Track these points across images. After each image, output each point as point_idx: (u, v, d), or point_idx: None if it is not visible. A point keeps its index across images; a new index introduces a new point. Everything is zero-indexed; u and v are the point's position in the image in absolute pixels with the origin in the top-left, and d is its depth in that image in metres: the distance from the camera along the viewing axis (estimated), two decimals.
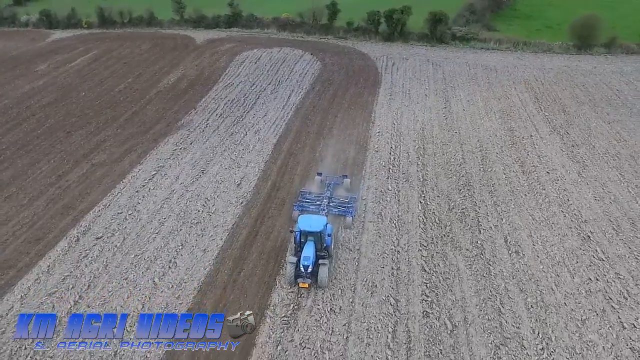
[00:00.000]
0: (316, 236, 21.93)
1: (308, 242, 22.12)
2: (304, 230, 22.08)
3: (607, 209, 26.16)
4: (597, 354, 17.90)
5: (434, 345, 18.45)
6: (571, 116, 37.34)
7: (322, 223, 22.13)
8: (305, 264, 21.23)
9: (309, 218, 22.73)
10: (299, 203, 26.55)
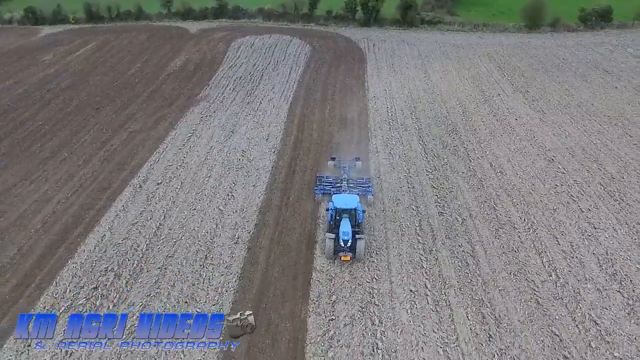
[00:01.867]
0: (351, 213, 23.60)
1: (343, 219, 23.52)
2: (339, 208, 23.59)
3: (564, 141, 33.01)
4: (566, 229, 24.37)
5: (450, 231, 24.51)
6: (529, 79, 44.45)
7: (355, 201, 23.93)
8: (345, 238, 22.53)
9: (343, 197, 24.36)
10: (320, 186, 28.12)
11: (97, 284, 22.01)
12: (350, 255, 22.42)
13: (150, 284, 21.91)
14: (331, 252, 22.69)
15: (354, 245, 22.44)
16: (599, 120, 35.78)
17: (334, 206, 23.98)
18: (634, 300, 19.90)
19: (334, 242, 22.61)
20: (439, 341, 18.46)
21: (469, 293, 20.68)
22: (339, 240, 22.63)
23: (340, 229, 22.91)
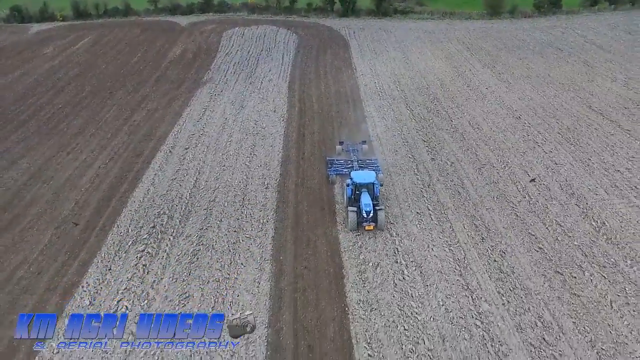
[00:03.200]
0: (368, 187, 25.27)
1: (363, 193, 25.05)
2: (359, 183, 25.20)
3: (527, 103, 38.76)
4: (534, 165, 29.87)
5: (442, 171, 29.69)
6: (494, 57, 50.34)
7: (373, 176, 25.73)
8: (367, 210, 24.06)
9: (361, 173, 26.11)
10: (332, 168, 29.66)
11: (154, 224, 26.14)
12: (373, 225, 24.08)
13: (200, 221, 26.21)
14: (355, 224, 24.25)
15: (375, 216, 24.14)
16: (555, 87, 41.76)
17: (353, 182, 25.47)
18: (587, 209, 25.47)
19: (356, 214, 24.24)
20: (444, 244, 23.53)
21: (462, 212, 25.86)
22: (361, 212, 24.16)
23: (362, 201, 24.53)
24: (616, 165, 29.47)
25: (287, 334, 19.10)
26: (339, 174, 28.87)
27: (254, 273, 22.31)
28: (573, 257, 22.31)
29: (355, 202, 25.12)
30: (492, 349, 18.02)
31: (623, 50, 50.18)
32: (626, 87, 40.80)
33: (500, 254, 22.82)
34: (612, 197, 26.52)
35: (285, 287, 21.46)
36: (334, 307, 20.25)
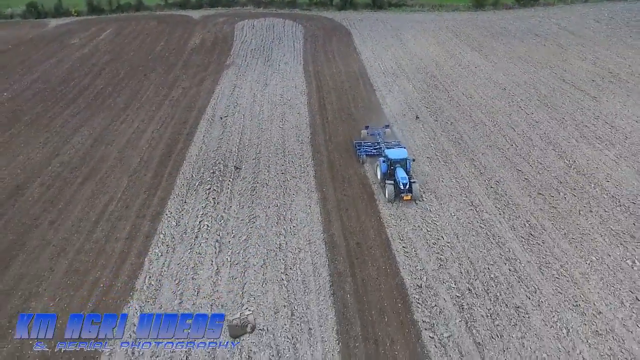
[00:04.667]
0: (402, 163, 27.71)
1: (397, 168, 27.40)
2: (394, 159, 27.58)
3: (511, 79, 45.28)
4: (518, 124, 36.26)
5: (444, 128, 35.85)
6: (481, 42, 56.91)
7: (405, 152, 28.26)
8: (404, 182, 26.40)
9: (395, 150, 28.45)
10: (361, 149, 31.93)
11: (214, 170, 31.86)
12: (410, 195, 26.48)
13: (251, 167, 31.98)
14: (392, 196, 26.65)
15: (410, 188, 26.53)
16: (534, 65, 48.39)
17: (388, 158, 27.89)
18: (561, 153, 31.91)
19: (393, 187, 26.77)
20: (451, 177, 29.70)
21: (463, 156, 32.10)
22: (398, 185, 26.59)
23: (398, 175, 26.93)
24: (584, 122, 36.04)
25: (339, 237, 25.04)
26: (368, 155, 31.73)
27: (304, 200, 28.20)
28: (551, 184, 28.71)
29: (390, 177, 27.52)
30: (494, 241, 24.23)
31: (592, 35, 57.26)
32: (594, 65, 47.65)
33: (495, 183, 29.11)
34: (581, 144, 33.04)
35: (330, 208, 27.40)
36: (371, 219, 26.28)
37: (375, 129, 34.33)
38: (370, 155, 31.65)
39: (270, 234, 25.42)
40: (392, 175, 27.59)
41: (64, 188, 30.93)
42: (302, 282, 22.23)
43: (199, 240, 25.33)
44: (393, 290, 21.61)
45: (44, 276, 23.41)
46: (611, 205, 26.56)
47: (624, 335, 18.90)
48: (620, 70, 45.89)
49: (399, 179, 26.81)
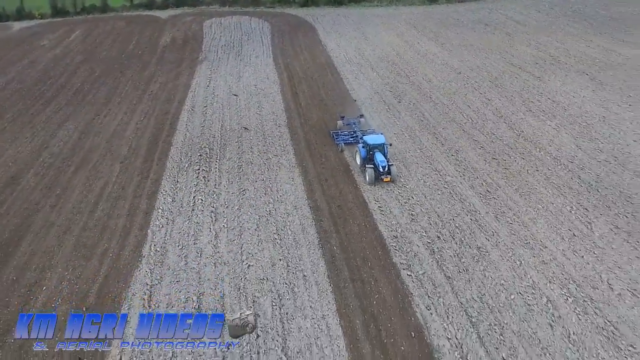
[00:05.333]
0: (380, 147, 29.36)
1: (376, 152, 29.04)
2: (372, 144, 29.24)
3: (465, 64, 49.30)
4: (473, 102, 40.10)
5: (407, 107, 39.36)
6: (436, 33, 60.98)
7: (383, 138, 29.90)
8: (383, 165, 28.21)
9: (373, 136, 30.15)
10: (340, 136, 33.91)
11: (200, 153, 34.27)
12: (389, 177, 28.43)
13: (235, 149, 34.54)
14: (373, 178, 28.42)
15: (389, 170, 28.42)
16: (485, 52, 52.71)
17: (367, 144, 29.55)
18: (511, 124, 35.88)
19: (373, 170, 28.52)
20: (416, 149, 33.15)
21: (426, 131, 35.63)
22: (377, 168, 28.37)
23: (377, 159, 28.65)
24: (530, 98, 40.26)
25: (321, 202, 27.99)
26: (346, 143, 33.54)
27: (287, 174, 31.04)
28: (503, 150, 32.56)
29: (370, 161, 29.18)
30: (457, 198, 27.70)
31: (535, 24, 62.37)
32: (537, 49, 52.38)
33: (455, 152, 32.74)
34: (527, 116, 37.15)
35: (312, 179, 30.34)
36: (349, 186, 29.38)
37: (350, 119, 36.48)
38: (347, 143, 33.54)
39: (260, 203, 28.17)
40: (372, 160, 29.27)
41: (59, 176, 32.68)
42: (293, 239, 25.11)
43: (196, 212, 27.82)
44: (373, 241, 24.77)
45: (54, 251, 25.35)
46: (553, 165, 30.58)
47: (564, 262, 22.69)
48: (560, 53, 50.74)
49: (378, 162, 28.58)
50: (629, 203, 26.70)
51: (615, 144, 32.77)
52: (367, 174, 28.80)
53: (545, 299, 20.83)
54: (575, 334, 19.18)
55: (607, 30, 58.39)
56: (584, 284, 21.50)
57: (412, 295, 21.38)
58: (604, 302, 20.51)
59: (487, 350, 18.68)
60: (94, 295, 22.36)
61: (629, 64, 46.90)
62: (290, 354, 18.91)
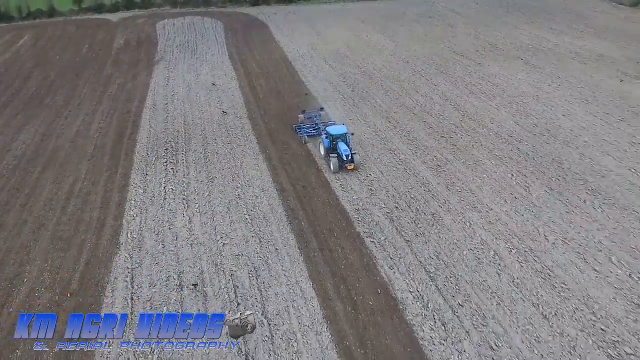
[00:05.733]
0: (342, 137, 30.51)
1: (339, 142, 30.18)
2: (335, 135, 30.28)
3: (412, 54, 52.14)
4: (420, 88, 42.83)
5: (360, 96, 41.54)
6: (384, 26, 63.53)
7: (345, 128, 31.10)
8: (347, 154, 29.39)
9: (335, 127, 31.24)
10: (303, 129, 34.82)
11: (166, 147, 35.28)
12: (353, 164, 29.63)
13: (200, 141, 35.70)
14: (337, 167, 29.59)
15: (352, 158, 29.62)
16: (430, 42, 55.75)
17: (329, 134, 30.52)
18: (456, 106, 38.75)
19: (337, 159, 29.66)
20: (372, 132, 35.36)
21: (379, 115, 37.93)
22: (341, 157, 29.52)
23: (340, 148, 29.81)
24: (472, 82, 43.38)
25: (287, 184, 29.75)
26: (309, 135, 34.59)
27: (252, 161, 32.63)
28: (450, 129, 35.29)
29: (333, 151, 30.18)
30: (410, 172, 30.09)
31: (474, 15, 66.31)
32: (477, 38, 56.04)
33: (407, 132, 35.23)
34: (471, 98, 40.15)
35: (276, 164, 32.06)
36: (311, 169, 31.26)
37: (311, 112, 37.59)
38: (310, 135, 34.61)
39: (229, 189, 29.66)
40: (335, 150, 30.34)
41: (25, 177, 32.90)
42: (263, 218, 26.81)
43: (168, 200, 29.01)
44: (337, 214, 26.80)
45: (30, 246, 25.97)
46: (495, 139, 33.57)
47: (507, 221, 25.45)
48: (497, 41, 54.54)
49: (341, 151, 29.74)
50: (560, 168, 29.87)
51: (547, 118, 36.14)
52: (331, 163, 29.83)
53: (492, 253, 23.42)
54: (518, 278, 21.82)
55: (538, 19, 62.93)
56: (524, 238, 24.26)
57: (376, 258, 23.51)
58: (541, 251, 23.31)
59: (445, 299, 21.03)
60: (77, 282, 23.31)
61: (557, 49, 51.11)
62: (270, 316, 20.63)
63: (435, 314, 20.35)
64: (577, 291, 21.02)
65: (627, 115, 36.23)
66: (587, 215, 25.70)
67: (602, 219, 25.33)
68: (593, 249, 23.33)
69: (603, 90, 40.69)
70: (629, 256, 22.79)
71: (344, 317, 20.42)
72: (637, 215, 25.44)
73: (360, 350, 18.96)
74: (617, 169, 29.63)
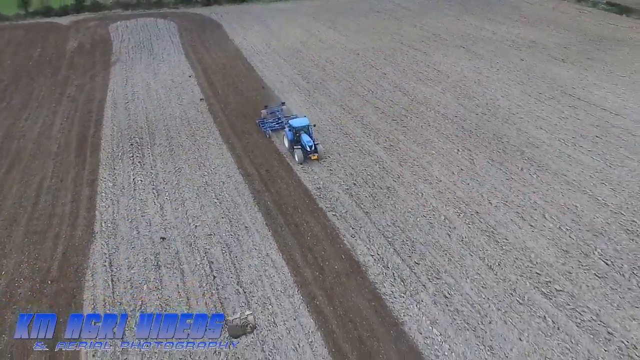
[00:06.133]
0: (305, 129, 31.44)
1: (302, 134, 31.15)
2: (297, 127, 31.13)
3: (362, 46, 54.49)
4: (371, 76, 45.32)
5: (315, 87, 43.65)
6: (334, 21, 65.88)
7: (307, 120, 32.01)
8: (309, 145, 30.42)
9: (297, 120, 32.07)
10: (266, 124, 35.78)
11: (131, 142, 36.11)
12: (317, 155, 30.68)
13: (164, 136, 36.70)
14: (302, 158, 30.59)
15: (315, 149, 30.75)
16: (378, 35, 58.38)
17: (292, 127, 31.36)
18: (405, 92, 41.36)
19: (301, 150, 30.68)
20: (327, 118, 37.38)
21: (334, 104, 39.92)
22: (304, 148, 30.57)
23: (303, 140, 30.82)
24: (419, 70, 46.19)
25: (251, 169, 31.39)
26: (273, 129, 35.66)
27: (216, 150, 34.04)
28: (400, 112, 37.83)
29: (297, 143, 31.17)
30: (365, 152, 32.31)
31: (418, 8, 69.63)
32: (422, 30, 59.15)
33: (360, 117, 37.49)
34: (418, 84, 42.87)
35: (239, 152, 33.60)
36: (273, 155, 33.00)
37: (273, 107, 38.43)
38: (274, 129, 35.66)
39: (196, 177, 31.02)
40: (299, 141, 31.35)
41: None
42: (231, 201, 28.39)
43: (138, 191, 30.08)
44: (300, 194, 28.70)
45: (4, 241, 26.48)
46: (442, 120, 36.31)
47: (455, 189, 28.09)
48: (441, 32, 57.81)
49: (304, 143, 30.80)
50: (500, 142, 32.86)
51: (487, 99, 39.27)
52: (295, 154, 30.90)
53: (443, 217, 25.93)
54: (467, 237, 24.38)
55: (477, 11, 66.86)
56: (470, 203, 26.91)
57: (339, 229, 25.57)
58: (485, 213, 26.01)
59: (402, 259, 23.31)
60: (56, 270, 24.23)
61: (495, 38, 54.84)
62: (244, 285, 22.33)
63: (395, 272, 22.57)
64: (517, 244, 23.75)
65: (557, 93, 39.85)
66: (524, 180, 28.64)
67: (536, 183, 28.32)
68: (529, 209, 26.21)
69: (536, 73, 44.34)
70: (558, 212, 25.81)
71: (313, 281, 22.34)
72: (565, 179, 28.60)
73: (330, 307, 20.92)
74: (549, 141, 32.88)
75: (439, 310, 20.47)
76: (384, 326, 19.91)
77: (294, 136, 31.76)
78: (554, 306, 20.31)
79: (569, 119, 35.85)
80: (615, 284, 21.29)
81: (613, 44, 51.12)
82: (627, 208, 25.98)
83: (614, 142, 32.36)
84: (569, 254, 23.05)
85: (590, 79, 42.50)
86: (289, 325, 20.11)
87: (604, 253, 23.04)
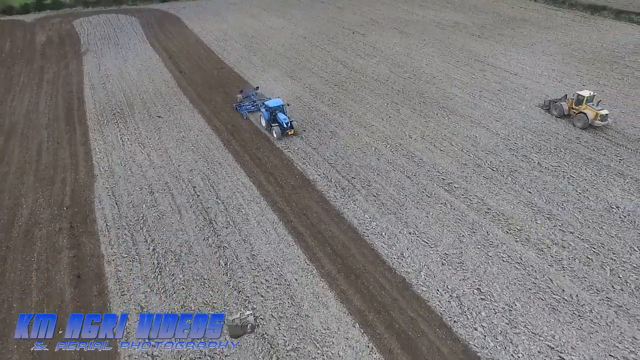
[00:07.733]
0: (280, 108, 34.98)
1: (278, 113, 34.71)
2: (274, 107, 34.71)
3: (309, 31, 62.18)
4: (320, 57, 52.99)
5: (269, 64, 51.10)
6: (282, 11, 73.02)
7: (281, 101, 35.81)
8: (286, 122, 34.06)
9: (273, 101, 35.71)
10: (243, 107, 39.52)
11: (114, 112, 42.22)
12: (293, 130, 34.48)
13: (141, 107, 43.02)
14: (280, 135, 34.30)
15: (291, 125, 34.56)
16: (322, 21, 66.16)
17: (268, 107, 35.03)
18: (346, 64, 49.30)
19: (279, 127, 34.37)
20: (281, 88, 44.86)
21: (285, 76, 47.29)
22: (282, 125, 34.18)
23: (280, 118, 34.57)
24: (358, 48, 54.12)
25: (220, 125, 38.20)
26: (249, 111, 39.71)
27: (188, 113, 40.70)
28: (340, 80, 45.60)
29: (274, 122, 34.91)
30: (313, 109, 39.87)
31: None
32: (361, 16, 67.45)
33: (308, 85, 44.98)
34: (357, 58, 50.85)
35: (209, 114, 40.41)
36: (237, 115, 40.09)
37: (248, 91, 42.50)
38: (250, 111, 39.72)
39: (174, 133, 37.61)
40: (275, 120, 35.08)
41: None
42: (205, 147, 35.25)
43: (126, 145, 36.43)
44: (261, 139, 35.85)
45: (19, 187, 32.30)
46: (375, 84, 44.31)
47: (384, 130, 36.16)
48: (378, 17, 66.27)
49: (281, 121, 34.56)
50: (422, 97, 41.10)
51: (414, 67, 47.64)
52: (274, 132, 34.64)
53: (374, 148, 33.73)
54: (391, 160, 32.22)
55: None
56: (396, 138, 34.87)
57: (293, 160, 32.94)
58: (407, 145, 34.00)
59: (342, 176, 30.84)
60: (68, 201, 30.37)
61: (424, 20, 63.74)
62: (222, 198, 29.30)
63: (337, 184, 30.12)
64: (429, 162, 31.79)
65: (470, 61, 48.69)
66: (438, 121, 36.91)
67: (447, 122, 36.63)
68: (440, 139, 34.40)
69: (455, 47, 53.19)
70: (462, 140, 34.18)
71: (275, 192, 29.63)
72: (470, 119, 37.02)
73: (288, 207, 28.23)
74: (461, 94, 41.38)
75: (370, 204, 28.12)
76: (329, 216, 27.35)
77: (270, 115, 35.44)
78: (453, 196, 28.34)
79: (478, 79, 44.55)
80: (497, 182, 29.56)
81: (520, 23, 60.88)
82: (513, 136, 34.51)
83: (510, 94, 41.14)
84: (466, 166, 31.24)
85: (498, 50, 51.66)
86: (258, 219, 27.29)
87: (492, 164, 31.35)
